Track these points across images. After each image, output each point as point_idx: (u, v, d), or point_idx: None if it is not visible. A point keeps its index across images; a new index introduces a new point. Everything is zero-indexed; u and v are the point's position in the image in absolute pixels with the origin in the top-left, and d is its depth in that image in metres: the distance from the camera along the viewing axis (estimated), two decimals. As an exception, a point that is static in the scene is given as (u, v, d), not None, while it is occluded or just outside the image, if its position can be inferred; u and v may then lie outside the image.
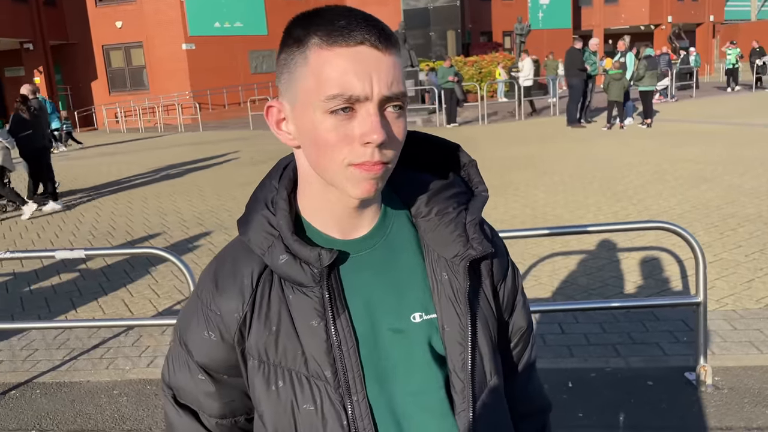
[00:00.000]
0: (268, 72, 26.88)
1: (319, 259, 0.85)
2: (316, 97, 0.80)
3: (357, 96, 0.79)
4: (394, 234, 0.93)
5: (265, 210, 0.90)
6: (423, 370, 0.90)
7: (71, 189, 11.07)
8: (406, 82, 1.07)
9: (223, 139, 17.80)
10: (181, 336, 0.98)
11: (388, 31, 0.82)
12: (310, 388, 0.87)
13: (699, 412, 3.07)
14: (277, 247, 0.87)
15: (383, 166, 0.82)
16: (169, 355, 1.01)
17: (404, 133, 0.85)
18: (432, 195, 0.93)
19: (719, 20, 39.12)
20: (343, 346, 0.86)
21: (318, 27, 0.80)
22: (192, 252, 6.42)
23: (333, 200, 0.88)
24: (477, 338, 0.92)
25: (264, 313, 0.88)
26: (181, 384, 0.98)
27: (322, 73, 0.79)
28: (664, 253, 5.38)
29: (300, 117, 0.84)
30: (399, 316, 0.90)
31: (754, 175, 8.23)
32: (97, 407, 3.47)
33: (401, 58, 0.85)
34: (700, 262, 3.24)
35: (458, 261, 0.90)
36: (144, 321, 4.43)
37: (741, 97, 19.86)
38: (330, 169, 0.83)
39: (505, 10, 30.62)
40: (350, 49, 0.79)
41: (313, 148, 0.83)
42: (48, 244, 7.23)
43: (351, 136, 0.80)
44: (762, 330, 3.86)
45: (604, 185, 8.24)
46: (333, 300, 0.87)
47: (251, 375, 0.91)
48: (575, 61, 14.37)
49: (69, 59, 26.92)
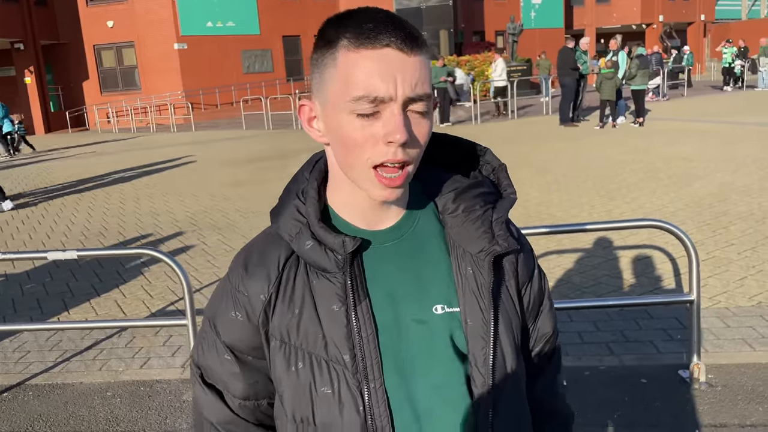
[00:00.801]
0: (260, 72, 26.82)
1: (342, 246, 0.88)
2: (343, 98, 0.83)
3: (381, 97, 0.81)
4: (420, 228, 0.96)
5: (296, 199, 0.95)
6: (444, 363, 0.91)
7: (64, 186, 11.02)
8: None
9: (215, 139, 17.75)
10: (211, 317, 1.01)
11: (415, 34, 0.84)
12: (328, 372, 0.90)
13: (692, 410, 3.08)
14: (304, 233, 0.91)
15: (405, 174, 0.86)
16: (199, 336, 1.05)
17: (428, 134, 0.88)
18: (460, 193, 0.96)
19: (710, 19, 39.31)
20: (362, 332, 0.89)
21: (347, 29, 0.83)
22: (185, 252, 6.39)
23: (360, 196, 0.91)
24: (499, 334, 0.93)
25: (288, 296, 0.92)
26: (209, 363, 1.01)
27: (349, 75, 0.82)
28: (657, 251, 5.40)
29: (329, 116, 0.87)
30: (421, 307, 0.92)
31: (746, 172, 8.27)
32: (90, 409, 3.45)
33: (428, 60, 0.87)
34: (693, 260, 3.25)
35: (483, 256, 0.92)
36: (137, 322, 4.41)
37: (733, 96, 19.97)
38: (355, 168, 0.87)
39: (498, 9, 30.65)
40: (376, 52, 0.82)
41: (340, 146, 0.87)
42: (40, 245, 7.18)
43: (376, 136, 0.83)
44: (755, 327, 3.88)
45: (597, 184, 8.26)
46: (355, 287, 0.90)
47: (273, 355, 0.94)
48: (567, 60, 14.40)
49: (60, 59, 26.76)
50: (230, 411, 1.01)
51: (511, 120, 16.59)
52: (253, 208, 8.21)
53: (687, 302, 3.34)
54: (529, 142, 12.42)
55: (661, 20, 36.33)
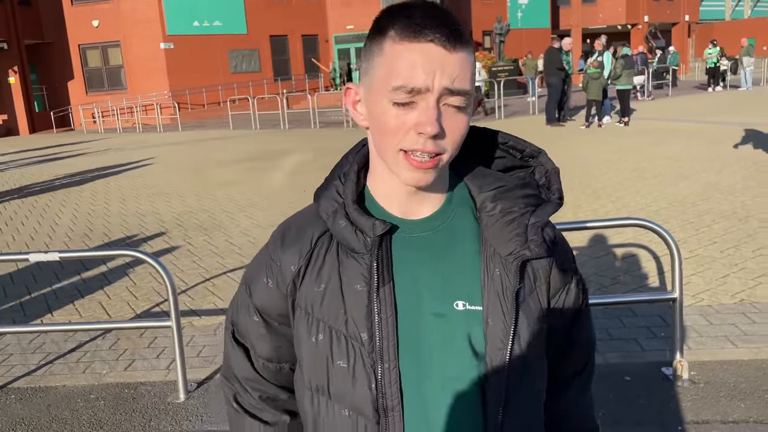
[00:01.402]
0: (248, 71, 26.72)
1: (372, 228, 0.91)
2: (385, 86, 0.87)
3: (419, 87, 0.84)
4: (455, 222, 0.97)
5: (337, 180, 0.98)
6: (459, 358, 0.92)
7: (49, 185, 10.91)
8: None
9: (202, 139, 17.66)
10: (247, 280, 1.07)
11: (460, 32, 0.86)
12: (346, 347, 0.93)
13: (676, 407, 3.11)
14: (339, 213, 0.95)
15: (436, 160, 0.87)
16: (236, 296, 1.11)
17: (464, 129, 0.89)
18: (501, 193, 0.96)
19: (694, 20, 39.69)
20: (382, 313, 0.91)
21: (396, 21, 0.87)
22: (170, 253, 6.35)
23: (396, 182, 0.94)
24: (519, 338, 0.93)
25: (317, 270, 0.96)
26: (241, 321, 1.08)
27: (393, 64, 0.86)
28: (642, 249, 5.44)
29: (371, 101, 0.91)
30: (443, 301, 0.93)
31: (730, 172, 8.35)
32: (73, 412, 3.42)
33: (472, 58, 0.89)
34: (676, 258, 3.27)
35: (512, 259, 0.93)
36: (121, 324, 4.38)
37: (718, 96, 20.16)
38: (387, 152, 0.90)
39: (485, 9, 30.74)
40: (420, 45, 0.84)
41: (377, 131, 0.91)
42: (23, 246, 7.10)
43: (408, 124, 0.86)
44: (737, 325, 3.91)
45: (583, 183, 8.31)
46: (380, 269, 0.92)
47: (297, 323, 0.98)
48: (554, 60, 14.48)
49: (45, 59, 26.48)
50: (254, 370, 1.08)
51: (498, 120, 16.65)
52: (240, 209, 8.18)
53: (670, 300, 3.37)
54: (516, 142, 12.44)
55: (646, 21, 36.60)
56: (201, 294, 5.13)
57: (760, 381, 3.28)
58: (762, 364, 3.45)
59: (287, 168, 10.95)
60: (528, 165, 1.00)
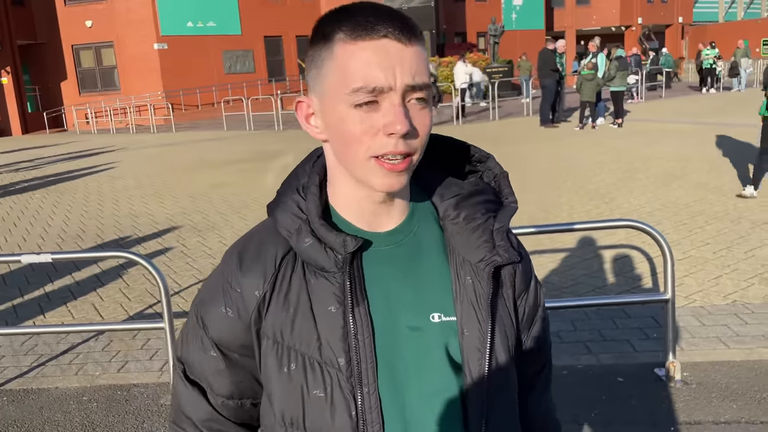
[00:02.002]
0: (242, 72, 26.66)
1: (343, 245, 0.86)
2: (342, 90, 0.82)
3: (381, 87, 0.80)
4: (420, 232, 0.94)
5: (296, 194, 0.92)
6: (438, 373, 0.89)
7: (41, 185, 10.86)
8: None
9: (196, 139, 17.61)
10: (199, 310, 0.98)
11: (411, 24, 0.84)
12: (321, 374, 0.87)
13: (668, 407, 3.12)
14: (303, 230, 0.89)
15: (408, 161, 0.84)
16: (185, 329, 1.01)
17: (429, 126, 0.86)
18: (461, 199, 0.94)
19: (688, 22, 39.86)
20: (359, 335, 0.87)
21: (343, 23, 0.83)
22: (164, 254, 6.33)
23: (360, 194, 0.90)
24: (495, 346, 0.91)
25: (284, 294, 0.89)
26: (194, 359, 0.98)
27: (347, 66, 0.82)
28: (634, 250, 5.46)
29: (327, 111, 0.86)
30: (418, 314, 0.90)
31: (721, 173, 8.40)
32: (66, 414, 3.41)
33: (425, 50, 0.86)
34: (668, 260, 3.29)
35: (483, 266, 0.91)
36: (114, 325, 4.37)
37: (711, 97, 20.25)
38: (355, 163, 0.85)
39: (479, 10, 30.81)
40: (374, 42, 0.81)
41: (339, 141, 0.85)
42: (15, 247, 7.07)
43: (375, 127, 0.82)
44: (729, 326, 3.93)
45: (576, 184, 8.33)
46: (354, 288, 0.87)
47: (264, 354, 0.91)
48: (548, 61, 14.52)
49: (37, 59, 26.36)
50: (212, 409, 0.99)
51: (493, 121, 16.68)
52: (234, 210, 8.16)
53: (662, 301, 3.38)
54: (510, 143, 12.49)
55: (640, 22, 36.75)
56: (194, 295, 5.12)
57: (752, 382, 3.30)
58: (754, 364, 3.47)
59: (281, 169, 10.93)
60: (477, 170, 0.99)
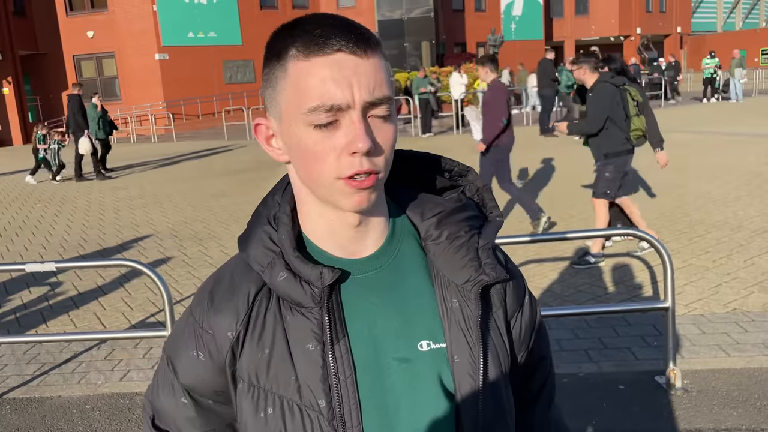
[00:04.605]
0: (242, 82, 26.75)
1: (320, 278, 0.81)
2: (298, 110, 0.77)
3: (338, 104, 0.75)
4: (402, 256, 0.88)
5: (267, 225, 0.86)
6: (430, 405, 0.84)
7: (41, 196, 10.89)
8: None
9: (196, 149, 17.66)
10: (169, 354, 0.92)
11: (367, 35, 0.78)
12: (301, 418, 0.82)
13: (669, 415, 3.13)
14: (277, 263, 0.83)
15: (374, 177, 0.79)
16: (156, 374, 0.96)
17: (393, 139, 0.81)
18: (443, 218, 0.88)
19: (686, 32, 40.06)
20: (340, 374, 0.81)
21: (295, 38, 0.78)
22: (166, 264, 6.35)
23: (331, 217, 0.84)
24: (488, 371, 0.86)
25: (258, 333, 0.84)
26: (163, 406, 0.93)
27: (302, 85, 0.77)
28: (635, 259, 5.48)
29: (286, 132, 0.81)
30: (405, 344, 0.84)
31: (722, 182, 8.43)
32: (69, 422, 3.41)
33: (385, 60, 0.81)
34: (668, 268, 3.31)
35: (470, 287, 0.85)
36: (117, 334, 4.38)
37: (711, 107, 20.32)
38: (320, 184, 0.80)
39: (479, 21, 30.94)
40: (327, 58, 0.76)
41: (301, 162, 0.81)
42: (17, 257, 7.09)
43: (338, 147, 0.77)
44: (729, 334, 3.95)
45: (576, 193, 8.36)
46: (333, 323, 0.82)
47: (240, 398, 0.86)
48: (547, 71, 14.60)
49: (39, 69, 26.50)
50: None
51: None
52: (235, 220, 8.19)
53: (663, 309, 3.40)
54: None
55: (639, 32, 36.92)
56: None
57: (752, 389, 3.31)
58: (754, 372, 3.49)
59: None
60: (458, 185, 0.94)
